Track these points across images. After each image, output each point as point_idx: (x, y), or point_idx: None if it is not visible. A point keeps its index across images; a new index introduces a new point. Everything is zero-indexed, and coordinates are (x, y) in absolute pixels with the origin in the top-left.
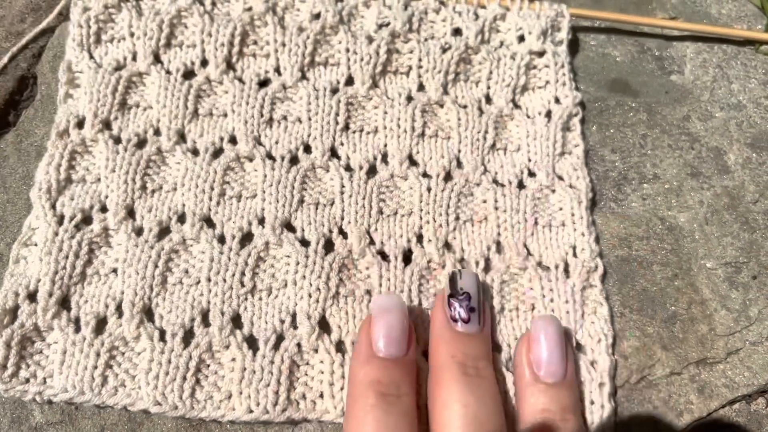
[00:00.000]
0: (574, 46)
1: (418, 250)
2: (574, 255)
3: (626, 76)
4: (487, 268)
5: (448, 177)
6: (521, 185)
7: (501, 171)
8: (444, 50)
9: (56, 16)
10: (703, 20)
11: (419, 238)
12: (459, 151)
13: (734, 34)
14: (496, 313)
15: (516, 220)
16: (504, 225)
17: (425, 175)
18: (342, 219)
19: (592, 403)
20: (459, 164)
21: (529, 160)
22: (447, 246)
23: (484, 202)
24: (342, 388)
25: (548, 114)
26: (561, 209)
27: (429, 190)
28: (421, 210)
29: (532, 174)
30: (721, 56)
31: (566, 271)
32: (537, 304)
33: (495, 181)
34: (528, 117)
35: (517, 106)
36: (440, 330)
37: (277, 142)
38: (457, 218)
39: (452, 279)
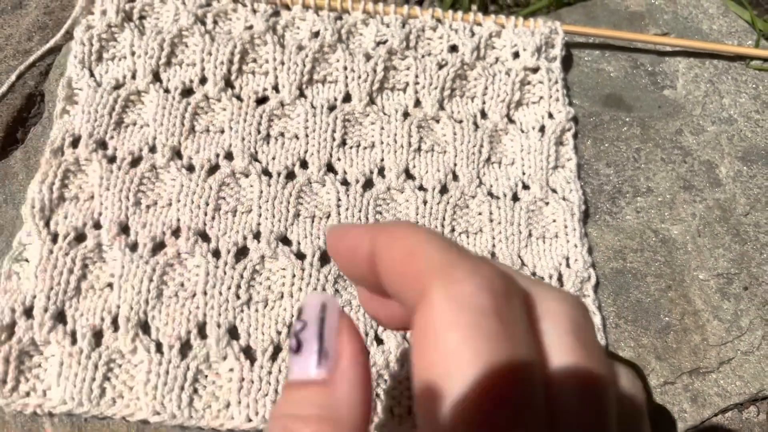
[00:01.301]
0: (568, 62)
1: None
2: (567, 266)
3: (620, 91)
4: None
5: (444, 190)
6: (515, 198)
7: (496, 184)
8: (440, 67)
9: (63, 35)
10: (694, 36)
11: None
12: (455, 164)
13: (725, 50)
14: None
15: (510, 232)
16: (499, 237)
17: (421, 188)
18: None
19: None
20: (455, 177)
21: (523, 174)
22: None
23: (480, 214)
24: None
25: (542, 129)
26: (554, 221)
27: (425, 203)
28: (417, 222)
29: (526, 187)
30: (713, 71)
31: (560, 281)
32: None
33: (490, 194)
34: (522, 131)
35: (511, 120)
36: None
37: (273, 158)
38: (453, 230)
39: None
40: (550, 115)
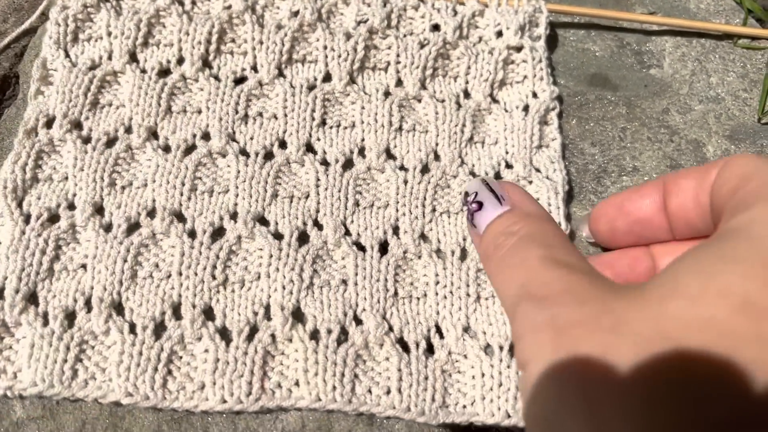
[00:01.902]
0: (553, 42)
1: (395, 241)
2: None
3: (606, 71)
4: (462, 257)
5: (425, 170)
6: (498, 177)
7: (478, 163)
8: (422, 46)
9: (38, 17)
10: (681, 15)
11: (395, 229)
12: (436, 144)
13: (712, 28)
14: (473, 301)
15: None
16: None
17: (402, 168)
18: (317, 212)
19: None
20: (437, 157)
21: (507, 153)
22: (423, 237)
23: (460, 194)
24: (316, 374)
25: (526, 108)
26: (538, 199)
27: (405, 182)
28: (398, 202)
29: (509, 166)
30: (700, 50)
31: None
32: None
33: (472, 173)
34: (506, 111)
35: (495, 100)
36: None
37: (251, 138)
38: (434, 210)
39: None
40: (534, 95)
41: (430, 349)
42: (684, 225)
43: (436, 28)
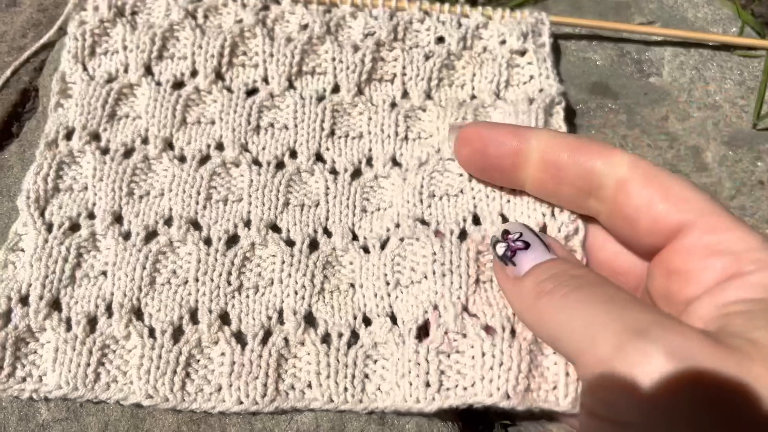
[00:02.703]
0: (555, 53)
1: (393, 231)
2: (552, 215)
3: (606, 79)
4: (462, 239)
5: (423, 163)
6: None
7: None
8: (427, 58)
9: (56, 31)
10: (680, 24)
11: (397, 224)
12: (439, 143)
13: (710, 39)
14: (472, 283)
15: (491, 189)
16: (479, 195)
17: (406, 170)
18: (327, 219)
19: (567, 374)
20: (438, 150)
21: None
22: (421, 221)
23: (460, 175)
24: (328, 376)
25: (531, 101)
26: None
27: (404, 179)
28: (399, 198)
29: None
30: (698, 58)
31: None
32: None
33: None
34: (511, 103)
35: (500, 99)
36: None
37: (263, 148)
38: (432, 195)
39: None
40: (541, 91)
41: (426, 332)
42: (538, 189)
43: (440, 40)
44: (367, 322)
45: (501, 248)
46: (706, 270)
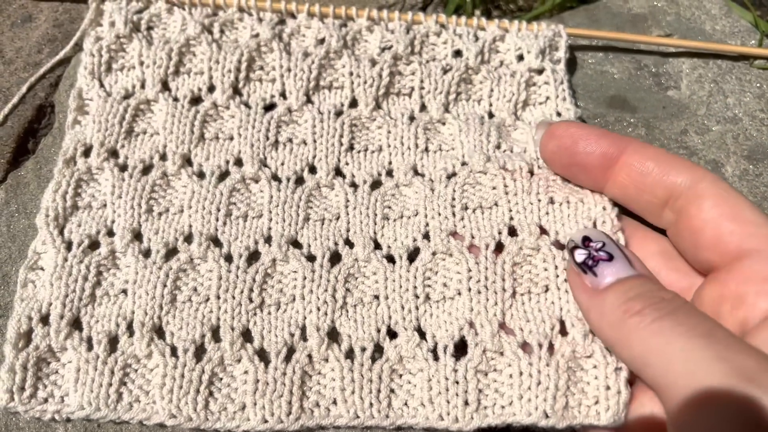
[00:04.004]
0: (572, 65)
1: (424, 244)
2: (594, 227)
3: (624, 93)
4: (498, 251)
5: (451, 176)
6: (532, 172)
7: (509, 160)
8: (445, 71)
9: (72, 47)
10: (697, 36)
11: (425, 235)
12: (462, 155)
13: (728, 50)
14: (508, 297)
15: (528, 201)
16: (516, 208)
17: (430, 179)
18: (348, 231)
19: (608, 388)
20: (463, 164)
21: (537, 158)
22: (453, 234)
23: (493, 188)
24: (353, 392)
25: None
26: (579, 187)
27: (432, 190)
28: (426, 208)
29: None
30: (717, 71)
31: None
32: (551, 285)
33: (504, 168)
34: (530, 124)
35: (519, 119)
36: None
37: (282, 164)
38: (466, 208)
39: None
40: (558, 114)
41: (464, 350)
42: (618, 193)
43: (458, 53)
44: (392, 335)
45: (581, 255)
46: (763, 297)
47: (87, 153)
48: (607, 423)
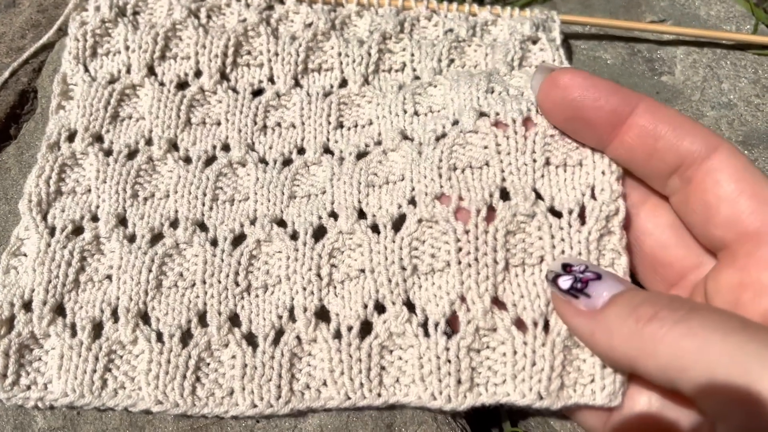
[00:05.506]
0: (565, 51)
1: (410, 210)
2: (593, 197)
3: (617, 78)
4: (488, 218)
5: (440, 136)
6: (528, 121)
7: (502, 107)
8: (435, 45)
9: (56, 32)
10: (692, 22)
11: (411, 201)
12: (454, 114)
13: (723, 37)
14: (500, 270)
15: (522, 161)
16: (509, 168)
17: (420, 143)
18: (332, 203)
19: (604, 366)
20: (455, 122)
21: (532, 104)
22: (439, 198)
23: (485, 147)
24: (342, 373)
25: None
26: (578, 147)
27: (420, 153)
28: (411, 172)
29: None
30: (711, 57)
31: (581, 216)
32: (546, 256)
33: (496, 125)
34: (528, 74)
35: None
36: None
37: (270, 148)
38: (455, 168)
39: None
40: None
41: (453, 326)
42: (623, 154)
43: (449, 32)
44: (380, 310)
45: (566, 282)
46: None
47: (71, 138)
48: (603, 403)
